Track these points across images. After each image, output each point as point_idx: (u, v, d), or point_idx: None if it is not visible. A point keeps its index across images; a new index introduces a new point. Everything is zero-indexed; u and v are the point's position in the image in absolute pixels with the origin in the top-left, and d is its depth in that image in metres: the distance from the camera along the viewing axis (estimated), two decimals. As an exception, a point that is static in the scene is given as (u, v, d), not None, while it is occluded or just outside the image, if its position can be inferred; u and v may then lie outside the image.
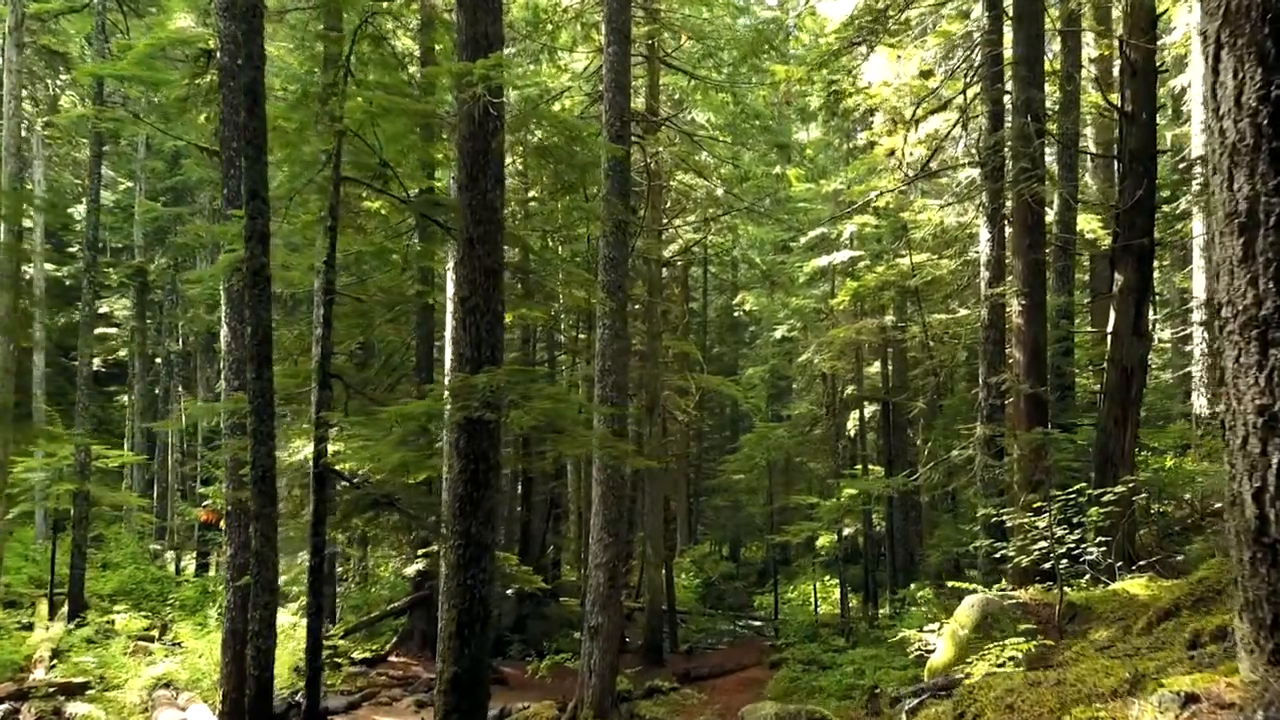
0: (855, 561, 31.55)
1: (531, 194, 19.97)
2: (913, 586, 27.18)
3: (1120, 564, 11.23)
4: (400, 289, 13.40)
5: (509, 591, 30.61)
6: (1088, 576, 10.83)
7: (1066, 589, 10.74)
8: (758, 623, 30.17)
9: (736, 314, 36.48)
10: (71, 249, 36.92)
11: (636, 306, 25.76)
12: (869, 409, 30.02)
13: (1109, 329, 14.58)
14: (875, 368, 30.53)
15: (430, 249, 12.37)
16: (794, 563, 32.38)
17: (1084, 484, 10.43)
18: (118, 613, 22.84)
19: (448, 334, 13.27)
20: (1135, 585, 10.14)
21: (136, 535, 30.20)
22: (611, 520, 16.26)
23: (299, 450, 14.04)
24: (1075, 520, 10.36)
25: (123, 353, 37.94)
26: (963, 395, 22.47)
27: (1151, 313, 14.82)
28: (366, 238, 12.57)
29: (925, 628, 11.72)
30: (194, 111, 14.53)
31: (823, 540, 23.14)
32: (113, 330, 39.43)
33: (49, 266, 34.19)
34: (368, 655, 20.07)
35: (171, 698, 15.05)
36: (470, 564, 8.47)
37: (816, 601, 26.64)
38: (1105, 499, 10.21)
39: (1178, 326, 25.50)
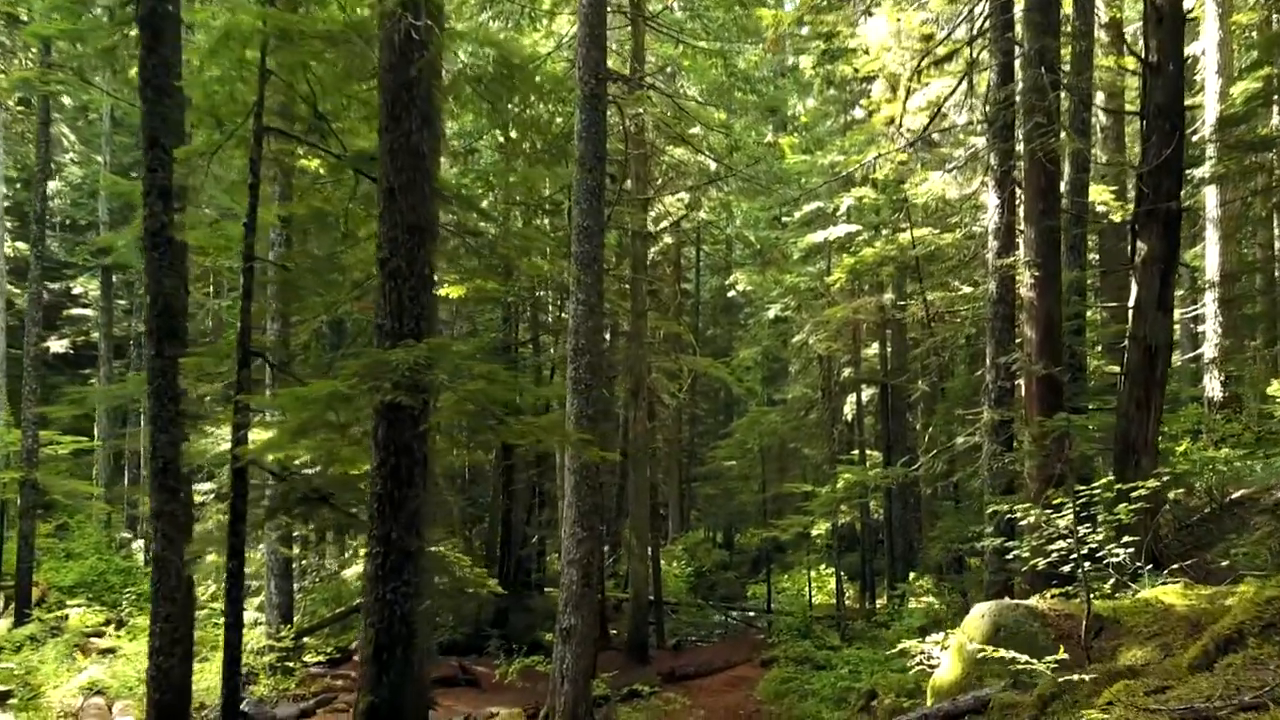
0: (853, 549, 30.29)
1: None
2: (911, 576, 25.95)
3: (1149, 566, 9.92)
4: (354, 258, 12.06)
5: (492, 581, 29.60)
6: (1112, 581, 9.50)
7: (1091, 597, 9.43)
8: (751, 613, 28.93)
9: (731, 294, 35.10)
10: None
11: (624, 286, 24.44)
12: (867, 392, 28.68)
13: (1130, 303, 13.24)
14: (874, 349, 29.18)
15: (375, 213, 11.00)
16: (789, 551, 31.11)
17: (1110, 477, 9.10)
18: (74, 606, 21.59)
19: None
20: (1170, 594, 8.82)
21: (101, 524, 28.89)
22: (585, 513, 14.96)
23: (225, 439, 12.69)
24: (1100, 518, 9.01)
25: (95, 334, 36.58)
26: (966, 377, 21.14)
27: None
28: (303, 200, 11.21)
29: (928, 638, 10.40)
30: (121, 63, 13.13)
31: (818, 529, 21.88)
32: (87, 312, 38.08)
33: (21, 246, 32.86)
34: (330, 656, 18.80)
35: (103, 708, 13.76)
36: (391, 575, 7.16)
37: (811, 592, 25.38)
38: (1135, 494, 8.88)
39: (1187, 305, 24.21)
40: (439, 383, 6.85)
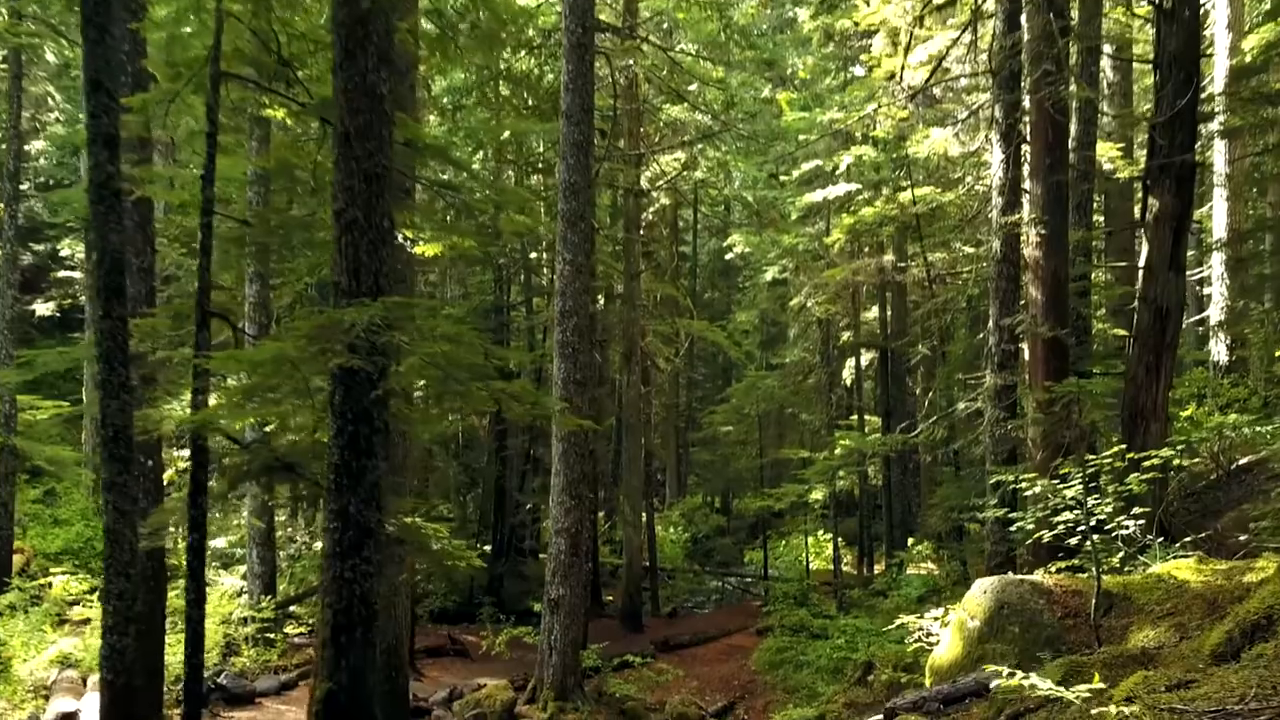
0: (851, 515, 29.84)
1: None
2: (910, 542, 25.54)
3: (1160, 539, 9.43)
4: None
5: (487, 547, 29.17)
6: (1121, 555, 8.99)
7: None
8: (748, 579, 28.56)
9: (729, 257, 34.43)
10: (23, 185, 34.78)
11: (618, 247, 23.83)
12: (866, 356, 28.13)
13: (1140, 263, 12.67)
14: (873, 313, 28.59)
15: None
16: (786, 516, 30.66)
17: (1117, 444, 8.57)
18: (58, 574, 21.15)
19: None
20: (1183, 569, 8.32)
21: (88, 490, 28.43)
22: (574, 481, 14.48)
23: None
24: (1109, 489, 8.48)
25: (82, 298, 35.95)
26: (968, 341, 20.59)
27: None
28: (271, 152, 10.61)
29: (927, 615, 9.93)
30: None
31: (816, 495, 21.44)
32: (74, 274, 37.44)
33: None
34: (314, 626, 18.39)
35: (76, 681, 13.33)
36: (349, 552, 6.64)
37: (808, 559, 24.96)
38: (1147, 464, 8.37)
39: (1194, 266, 23.59)
40: (399, 345, 6.30)
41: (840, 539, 25.15)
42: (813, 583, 21.85)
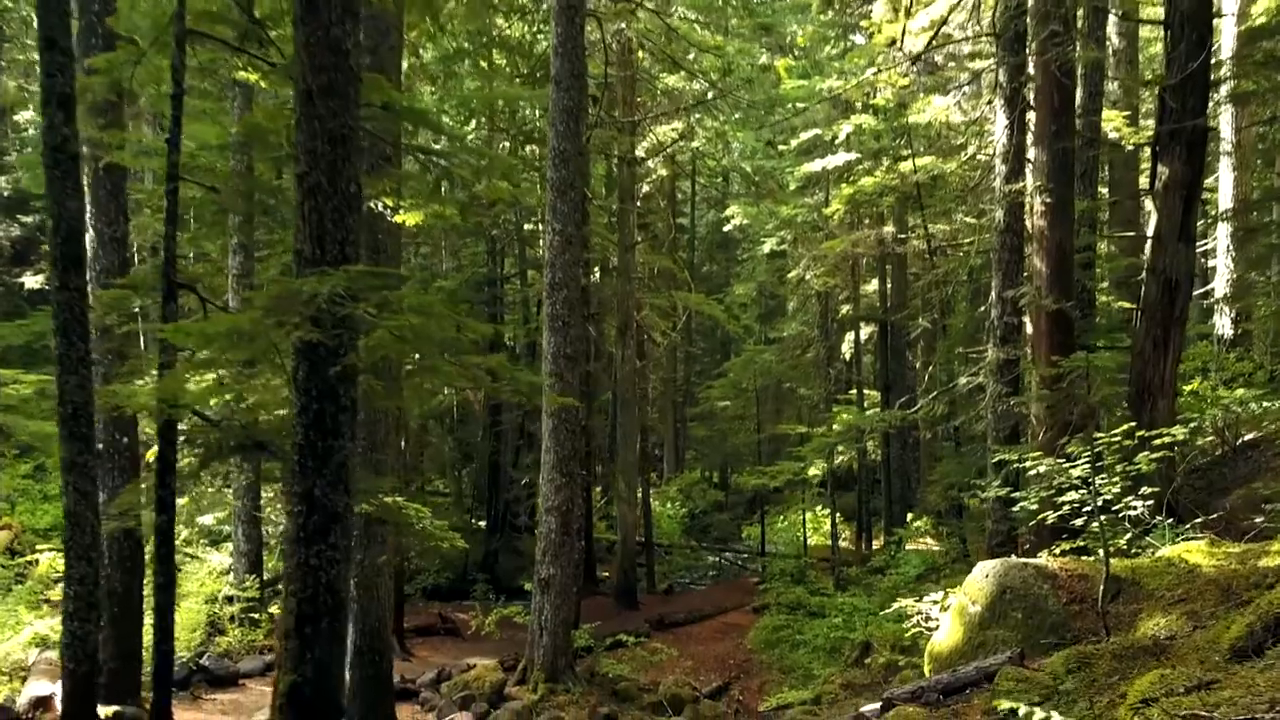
0: (849, 489, 29.51)
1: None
2: (909, 517, 25.21)
3: (1169, 520, 9.06)
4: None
5: (482, 523, 28.85)
6: (1128, 536, 8.63)
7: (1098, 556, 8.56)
8: (745, 555, 28.27)
9: (727, 229, 33.91)
10: (9, 156, 34.21)
11: (613, 219, 23.36)
12: (865, 330, 27.72)
13: (1149, 232, 12.25)
14: (873, 285, 28.16)
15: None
16: (784, 491, 30.29)
17: (1122, 423, 8.19)
18: (45, 550, 20.83)
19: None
20: (1194, 552, 7.95)
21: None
22: (564, 458, 14.10)
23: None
24: (1117, 468, 8.09)
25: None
26: (969, 314, 20.20)
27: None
28: (247, 116, 10.16)
29: (925, 598, 9.57)
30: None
31: (813, 470, 21.10)
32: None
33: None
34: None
35: (54, 663, 12.99)
36: (315, 537, 6.27)
37: (806, 534, 24.65)
38: (1158, 441, 7.98)
39: (1198, 237, 23.11)
40: (364, 317, 5.89)
41: (838, 514, 24.85)
42: (810, 560, 21.55)
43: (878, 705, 8.30)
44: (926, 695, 7.20)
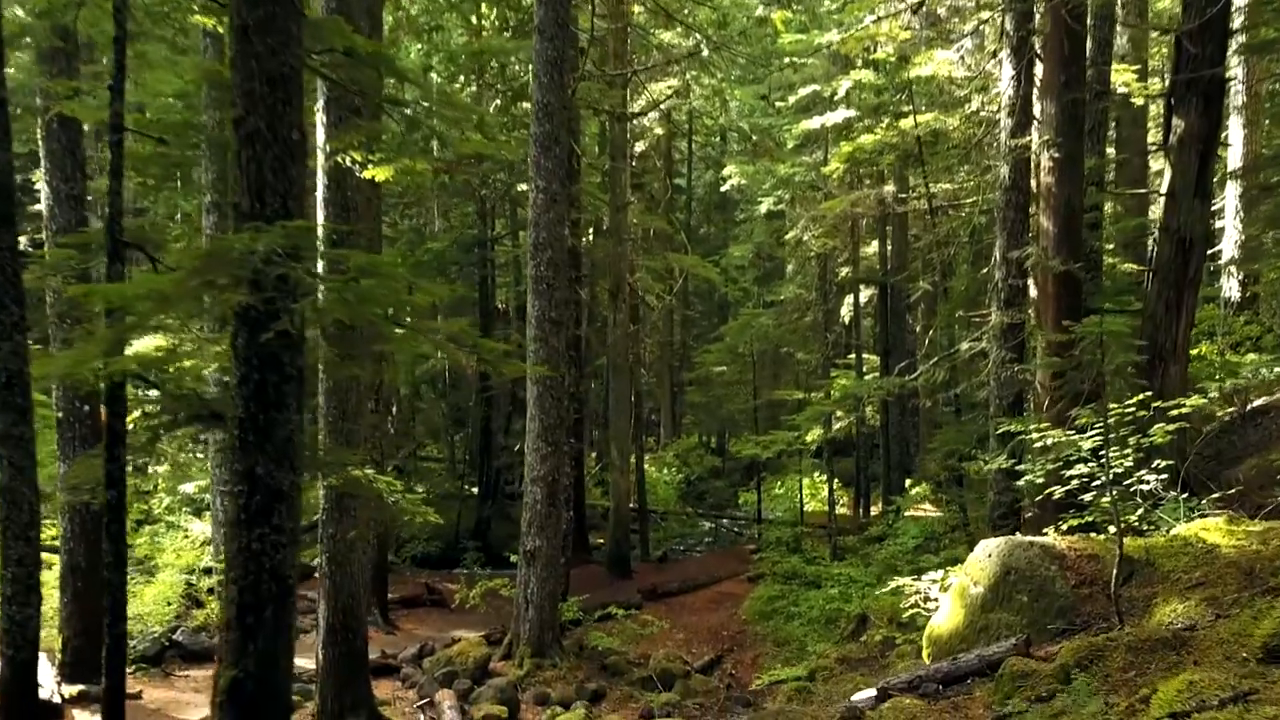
0: (847, 454, 28.99)
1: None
2: (908, 483, 24.72)
3: (1185, 495, 8.54)
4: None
5: (475, 489, 28.40)
6: (1140, 512, 8.09)
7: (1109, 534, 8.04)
8: (741, 521, 27.83)
9: (724, 189, 33.18)
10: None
11: (604, 178, 22.68)
12: (865, 293, 27.10)
13: (1163, 189, 11.65)
14: (873, 248, 27.51)
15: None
16: (782, 456, 29.79)
17: (1144, 389, 7.63)
18: None
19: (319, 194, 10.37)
20: (1211, 529, 7.43)
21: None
22: (550, 426, 13.57)
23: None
24: (1132, 440, 7.53)
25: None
26: (971, 276, 19.58)
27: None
28: (203, 62, 9.52)
29: (924, 576, 9.05)
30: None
31: (811, 435, 20.50)
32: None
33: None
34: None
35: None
36: (257, 519, 5.74)
37: (802, 500, 24.16)
38: (1174, 412, 7.43)
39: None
40: (302, 278, 5.31)
41: (836, 480, 24.39)
42: (807, 528, 21.07)
43: (873, 693, 7.80)
44: (925, 685, 6.70)
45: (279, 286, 5.38)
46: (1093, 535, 7.92)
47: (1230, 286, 19.63)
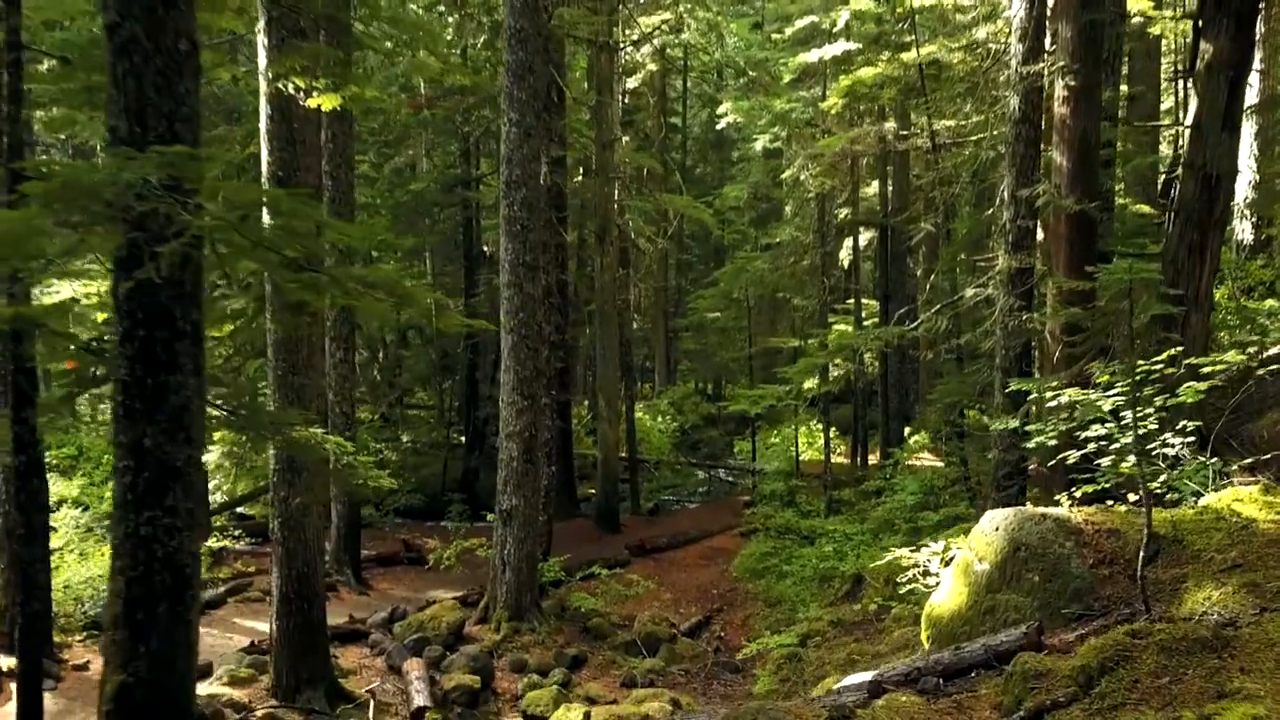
0: (845, 401, 28.18)
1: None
2: (907, 432, 23.96)
3: (1214, 459, 7.72)
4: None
5: (461, 439, 27.61)
6: (1162, 479, 7.27)
7: (1130, 504, 7.23)
8: (736, 470, 27.11)
9: (720, 127, 32.01)
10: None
11: (591, 115, 21.60)
12: (864, 236, 26.11)
13: (1188, 121, 10.69)
14: (873, 189, 26.47)
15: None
16: (778, 404, 29.01)
17: (1179, 345, 6.78)
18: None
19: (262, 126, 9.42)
20: (1245, 500, 6.63)
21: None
22: (526, 379, 12.75)
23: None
24: (1158, 399, 6.67)
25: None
26: (976, 218, 18.62)
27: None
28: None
29: (924, 550, 8.25)
30: None
31: (807, 385, 19.66)
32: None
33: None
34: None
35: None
36: (148, 500, 4.93)
37: (798, 453, 23.39)
38: (1206, 369, 6.59)
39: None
40: (175, 214, 4.44)
41: (834, 428, 23.64)
42: (801, 483, 20.29)
43: (865, 677, 7.04)
44: (924, 679, 5.93)
45: (157, 225, 4.50)
46: (1112, 506, 7.11)
47: (1243, 229, 18.74)
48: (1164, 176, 18.98)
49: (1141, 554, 5.87)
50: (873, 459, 23.61)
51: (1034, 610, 6.41)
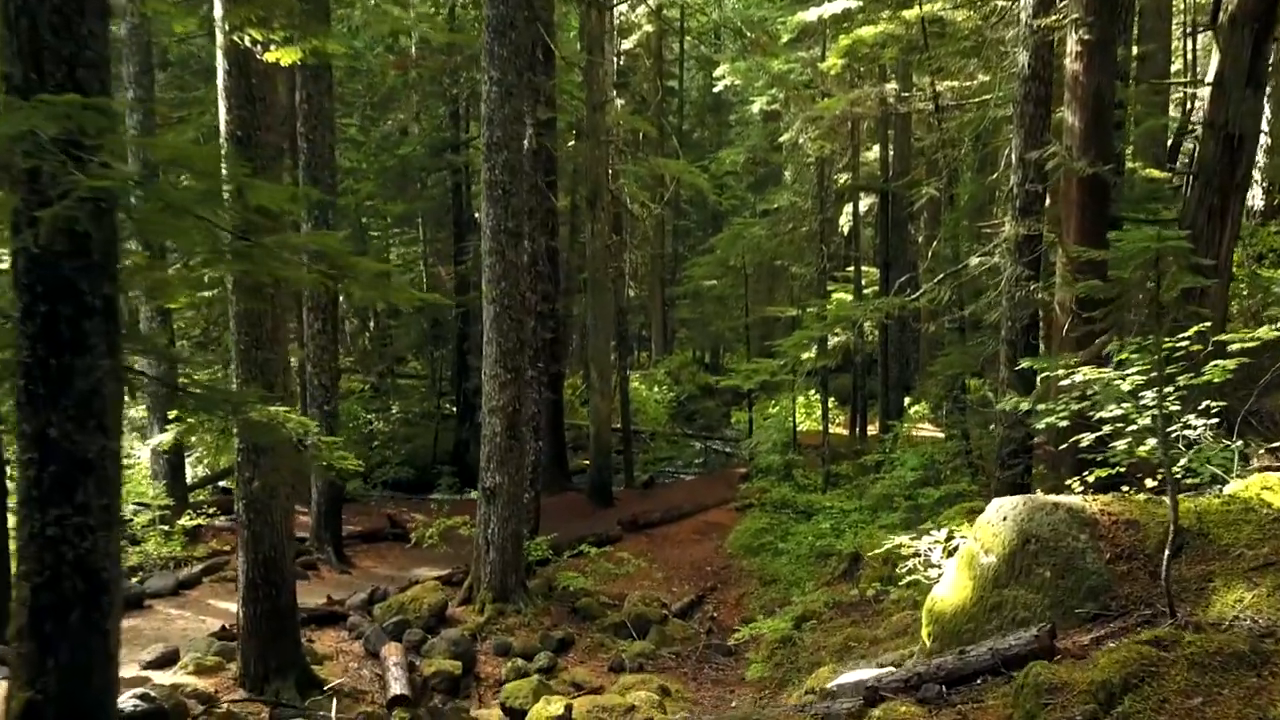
0: (844, 370, 27.61)
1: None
2: (907, 402, 23.44)
3: (1240, 442, 7.17)
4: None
5: (453, 409, 27.06)
6: (1181, 463, 6.73)
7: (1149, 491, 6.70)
8: (733, 441, 26.60)
9: (718, 89, 31.24)
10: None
11: (577, 79, 20.91)
12: (865, 201, 25.42)
13: (1209, 77, 10.09)
14: (873, 153, 25.75)
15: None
16: (772, 379, 28.39)
17: (1208, 320, 6.22)
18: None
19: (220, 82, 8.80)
20: (1275, 488, 6.09)
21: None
22: (509, 351, 12.19)
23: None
24: (1182, 378, 6.11)
25: None
26: (980, 182, 18.00)
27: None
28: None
29: (925, 539, 7.71)
30: None
31: (805, 355, 19.04)
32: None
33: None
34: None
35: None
36: (54, 497, 4.40)
37: (795, 421, 22.80)
38: (1235, 345, 6.04)
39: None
40: (58, 171, 3.86)
41: (832, 398, 23.10)
42: (798, 458, 19.74)
43: (861, 676, 6.55)
44: (925, 688, 5.41)
45: (43, 186, 3.93)
46: (1128, 494, 6.57)
47: (1254, 195, 18.13)
48: (1171, 139, 18.35)
49: (1167, 550, 5.33)
50: (872, 429, 23.09)
51: (1045, 609, 5.90)
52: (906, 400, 23.75)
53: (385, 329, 28.73)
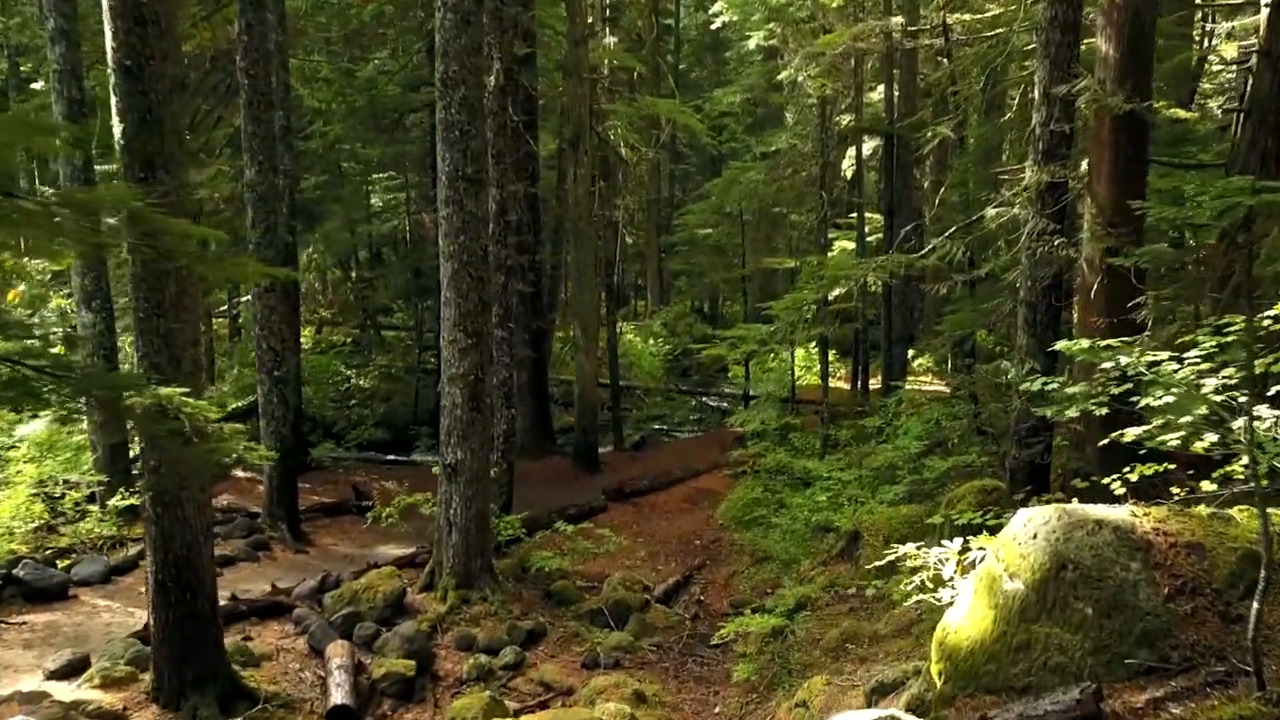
0: (846, 320, 26.37)
1: None
2: (911, 354, 22.23)
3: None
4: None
5: (425, 369, 25.84)
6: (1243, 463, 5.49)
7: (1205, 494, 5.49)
8: (729, 397, 25.41)
9: (716, 27, 29.60)
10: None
11: (562, 13, 19.41)
12: (869, 145, 23.95)
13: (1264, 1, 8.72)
14: (878, 94, 24.20)
15: None
16: (759, 350, 27.00)
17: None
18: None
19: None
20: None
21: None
22: (469, 313, 10.96)
23: None
24: (1218, 355, 4.89)
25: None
26: (993, 124, 16.61)
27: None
28: None
29: (934, 551, 6.48)
30: None
31: (806, 306, 17.75)
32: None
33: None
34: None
35: None
36: None
37: (794, 383, 21.59)
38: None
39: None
40: None
41: (832, 349, 21.88)
42: (795, 420, 18.51)
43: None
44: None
45: None
46: (1183, 507, 5.35)
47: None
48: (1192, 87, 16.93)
49: (1259, 588, 4.13)
50: (874, 383, 21.91)
51: (1085, 654, 4.72)
52: (910, 353, 22.53)
53: (365, 280, 27.46)
